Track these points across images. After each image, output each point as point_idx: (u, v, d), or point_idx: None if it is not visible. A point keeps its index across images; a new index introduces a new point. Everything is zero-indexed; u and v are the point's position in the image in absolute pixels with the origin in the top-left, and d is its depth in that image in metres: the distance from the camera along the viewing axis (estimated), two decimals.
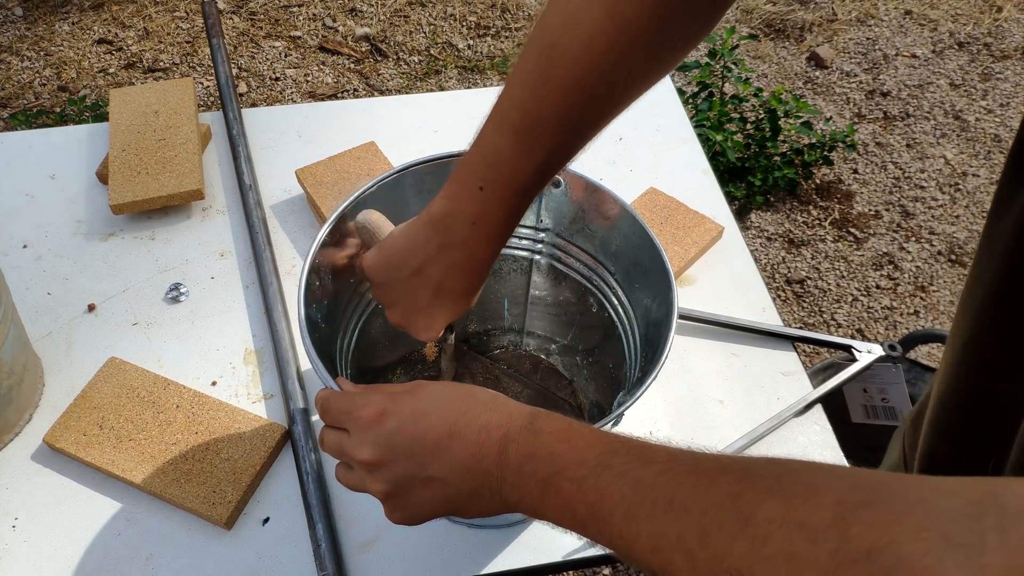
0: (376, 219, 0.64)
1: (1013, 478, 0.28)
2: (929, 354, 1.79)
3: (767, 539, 0.32)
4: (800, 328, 1.54)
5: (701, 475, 0.37)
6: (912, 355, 1.18)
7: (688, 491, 0.36)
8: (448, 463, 0.47)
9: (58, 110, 2.21)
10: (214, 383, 0.83)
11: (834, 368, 0.88)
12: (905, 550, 0.28)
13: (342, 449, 0.51)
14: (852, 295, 1.92)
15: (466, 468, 0.46)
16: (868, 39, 2.57)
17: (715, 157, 2.01)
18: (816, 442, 0.81)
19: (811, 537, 0.31)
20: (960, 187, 2.14)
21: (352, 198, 0.67)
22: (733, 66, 2.03)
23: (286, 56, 2.46)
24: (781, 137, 2.11)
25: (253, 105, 2.29)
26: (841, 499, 0.31)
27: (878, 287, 1.94)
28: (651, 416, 0.82)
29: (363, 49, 2.49)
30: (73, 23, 2.53)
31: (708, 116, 2.01)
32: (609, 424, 0.59)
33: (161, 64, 2.41)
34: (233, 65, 2.41)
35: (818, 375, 0.89)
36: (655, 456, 0.40)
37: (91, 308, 0.89)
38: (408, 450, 0.48)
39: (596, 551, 0.72)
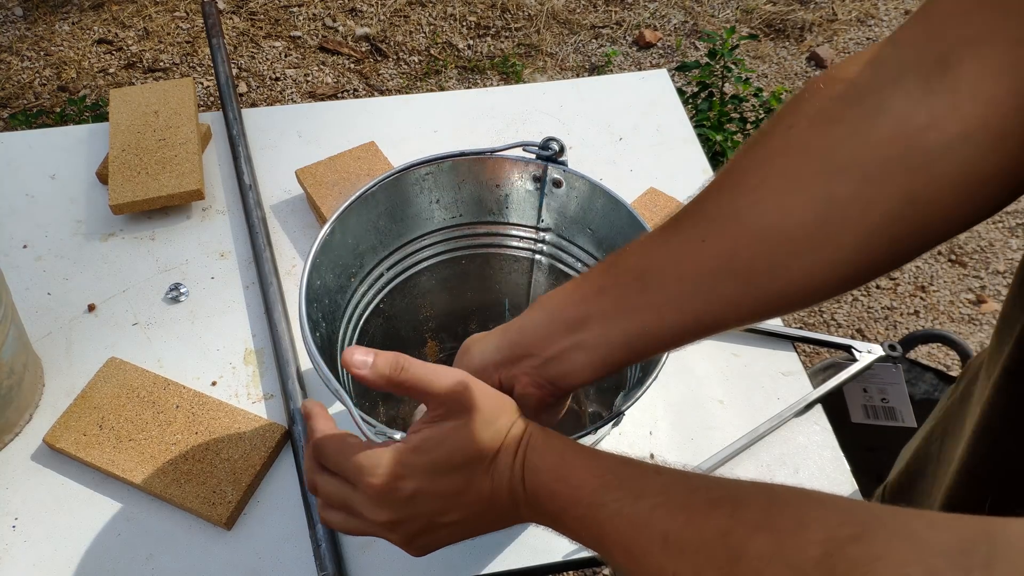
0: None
1: (1013, 518, 0.28)
2: (929, 354, 1.79)
3: None
4: (800, 328, 1.53)
5: (693, 510, 0.38)
6: (912, 355, 1.18)
7: (681, 527, 0.37)
8: (466, 509, 0.49)
9: (58, 110, 2.21)
10: (214, 383, 0.83)
11: (834, 368, 0.88)
12: None
13: (350, 506, 0.49)
14: (852, 295, 1.92)
15: (483, 512, 0.49)
16: (868, 39, 2.57)
17: (715, 157, 2.01)
18: (816, 442, 0.81)
19: None
20: None
21: (352, 198, 0.67)
22: (733, 66, 2.03)
23: (286, 56, 2.46)
24: None
25: (253, 105, 2.29)
26: (830, 535, 0.31)
27: (878, 287, 1.94)
28: (651, 416, 0.82)
29: (363, 49, 2.49)
30: (73, 23, 2.52)
31: (708, 116, 2.01)
32: (608, 426, 0.59)
33: (161, 64, 2.41)
34: (233, 65, 2.41)
35: (818, 375, 0.89)
36: (647, 489, 0.41)
37: (91, 308, 0.89)
38: (427, 507, 0.48)
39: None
